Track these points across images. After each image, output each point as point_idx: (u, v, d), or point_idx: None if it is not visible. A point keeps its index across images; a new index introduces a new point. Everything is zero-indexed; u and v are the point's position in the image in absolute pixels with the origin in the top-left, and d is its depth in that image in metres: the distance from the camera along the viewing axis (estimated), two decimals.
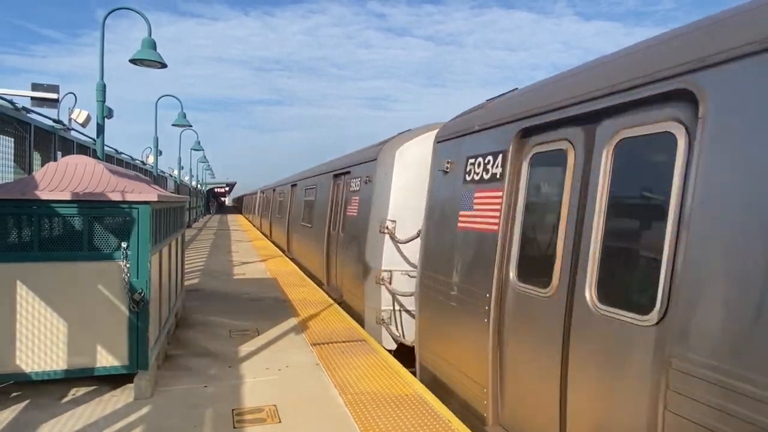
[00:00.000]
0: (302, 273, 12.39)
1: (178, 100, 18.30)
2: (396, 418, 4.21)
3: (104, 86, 8.45)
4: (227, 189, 75.54)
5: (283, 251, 17.40)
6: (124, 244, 4.39)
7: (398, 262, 7.12)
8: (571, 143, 3.56)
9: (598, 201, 3.24)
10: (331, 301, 8.93)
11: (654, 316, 2.68)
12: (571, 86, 3.62)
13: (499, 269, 4.13)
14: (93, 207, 4.38)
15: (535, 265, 3.90)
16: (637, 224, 3.13)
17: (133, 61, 8.67)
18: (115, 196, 4.40)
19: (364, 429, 4.00)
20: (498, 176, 4.31)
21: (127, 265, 4.40)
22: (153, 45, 8.70)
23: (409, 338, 6.44)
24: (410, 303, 6.75)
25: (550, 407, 3.52)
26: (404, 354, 6.39)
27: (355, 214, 8.73)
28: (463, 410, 4.58)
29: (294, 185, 16.62)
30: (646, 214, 3.06)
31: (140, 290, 4.43)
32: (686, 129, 2.67)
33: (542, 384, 3.59)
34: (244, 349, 6.06)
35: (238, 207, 74.20)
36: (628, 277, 3.07)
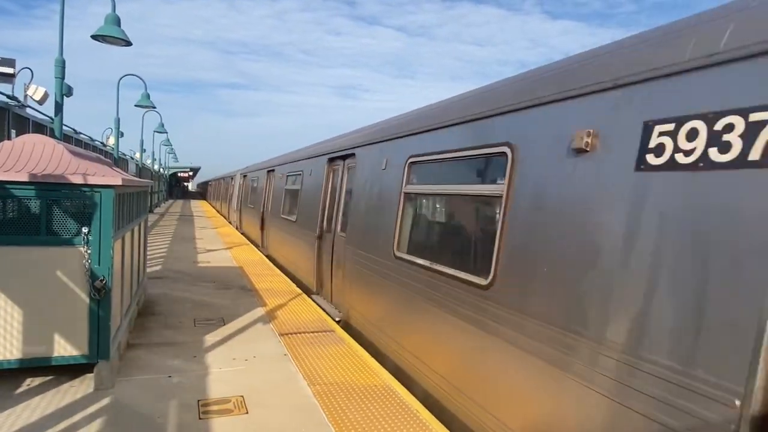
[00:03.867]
0: (270, 263, 12.26)
1: (142, 80, 17.68)
2: (365, 409, 4.21)
3: (63, 62, 8.04)
4: (191, 174, 73.59)
5: (236, 227, 21.90)
6: (85, 230, 4.21)
7: None
8: (340, 166, 8.11)
9: (343, 190, 7.73)
10: (300, 291, 8.87)
11: (344, 235, 7.09)
12: (339, 144, 8.28)
13: (320, 224, 8.68)
14: (52, 189, 4.17)
15: (329, 221, 8.27)
16: (347, 199, 7.39)
17: (95, 37, 8.27)
18: (77, 179, 4.21)
19: (333, 419, 3.99)
20: (322, 180, 8.94)
21: (89, 251, 4.22)
22: (117, 21, 8.33)
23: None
24: None
25: (328, 281, 8.02)
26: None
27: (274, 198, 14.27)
28: (303, 287, 9.21)
29: (245, 176, 21.25)
30: (354, 196, 7.03)
31: (102, 277, 4.26)
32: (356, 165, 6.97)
33: (328, 271, 8.07)
34: (210, 338, 5.94)
35: (202, 193, 72.10)
36: (344, 222, 7.28)
